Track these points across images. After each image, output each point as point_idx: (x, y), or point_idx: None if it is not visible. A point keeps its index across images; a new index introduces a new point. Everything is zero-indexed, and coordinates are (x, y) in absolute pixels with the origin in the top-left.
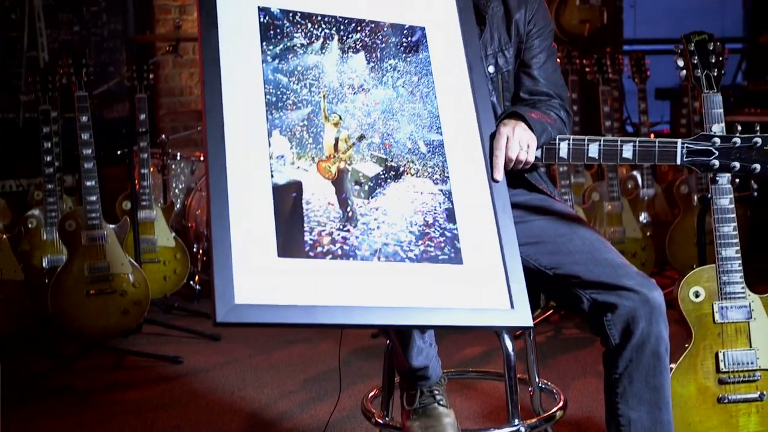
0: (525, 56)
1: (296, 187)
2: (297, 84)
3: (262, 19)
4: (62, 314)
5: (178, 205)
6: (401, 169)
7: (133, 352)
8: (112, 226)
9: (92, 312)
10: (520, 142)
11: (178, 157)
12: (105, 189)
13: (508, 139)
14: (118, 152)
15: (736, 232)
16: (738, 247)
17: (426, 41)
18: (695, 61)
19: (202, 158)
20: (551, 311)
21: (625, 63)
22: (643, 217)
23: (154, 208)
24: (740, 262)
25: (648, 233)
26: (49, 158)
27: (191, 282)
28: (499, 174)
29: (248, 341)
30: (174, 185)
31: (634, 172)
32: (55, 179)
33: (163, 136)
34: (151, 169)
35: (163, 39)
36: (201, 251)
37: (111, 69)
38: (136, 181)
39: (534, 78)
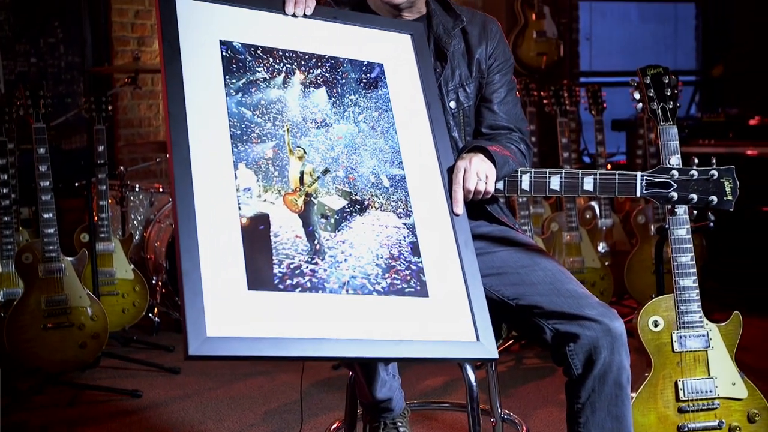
0: (486, 91)
1: (264, 219)
2: (261, 117)
3: (224, 53)
4: (18, 348)
5: (136, 237)
6: (366, 202)
7: (91, 386)
8: (69, 258)
9: (49, 346)
10: (478, 173)
11: (137, 189)
12: (62, 221)
13: (465, 171)
14: (76, 184)
15: (694, 262)
16: (695, 277)
17: (384, 78)
18: (651, 94)
19: (161, 190)
20: (512, 341)
21: (581, 95)
22: (601, 246)
23: (113, 240)
24: (698, 291)
25: (606, 263)
26: (5, 190)
27: (150, 314)
28: (459, 207)
29: (208, 374)
30: (133, 217)
31: (592, 203)
32: (12, 211)
33: (122, 167)
34: (110, 201)
35: (121, 71)
36: (160, 283)
37: (69, 100)
38: (95, 213)
39: (495, 112)
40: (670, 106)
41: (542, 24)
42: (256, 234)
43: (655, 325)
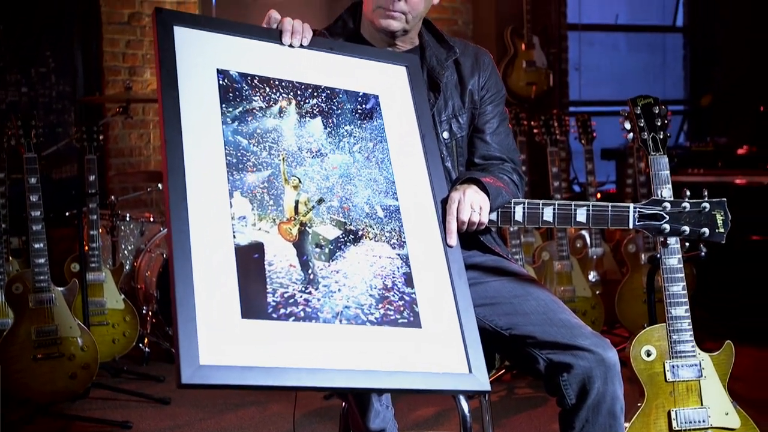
0: (478, 121)
1: (258, 248)
2: (257, 146)
3: (221, 82)
4: (8, 379)
5: (127, 267)
6: (360, 233)
7: (81, 417)
8: (60, 288)
9: (39, 377)
10: (472, 204)
11: (128, 219)
12: (53, 250)
13: (459, 202)
14: (67, 214)
15: (685, 292)
16: (687, 306)
17: (380, 109)
18: (642, 124)
19: (151, 219)
20: (504, 370)
21: (571, 124)
22: (592, 275)
23: (103, 270)
24: (690, 321)
25: (597, 292)
26: None
27: (140, 344)
28: (452, 239)
29: (199, 404)
30: (123, 246)
31: (583, 232)
32: (2, 241)
33: (113, 197)
34: (100, 231)
35: (112, 100)
36: (150, 313)
37: (59, 130)
38: (85, 243)
39: (487, 143)
40: (661, 136)
41: (532, 54)
42: (251, 262)
43: (648, 354)
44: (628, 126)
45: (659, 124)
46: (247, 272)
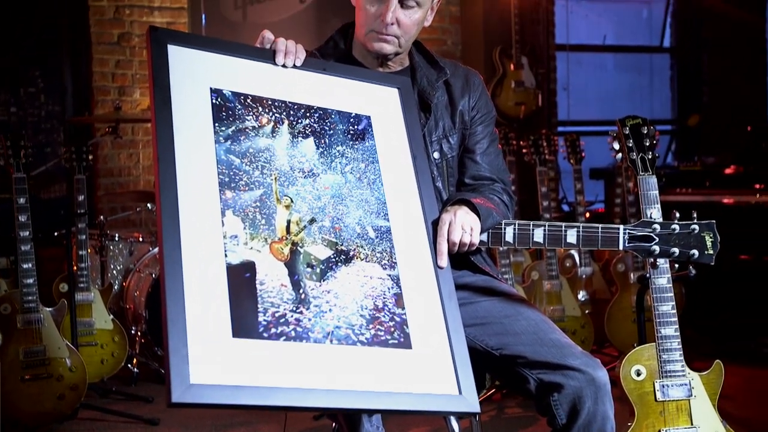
0: (468, 142)
1: (249, 267)
2: (249, 165)
3: (214, 101)
4: None
5: (116, 287)
6: (351, 253)
7: None
8: (49, 309)
9: (27, 398)
10: (463, 225)
11: (117, 238)
12: (41, 270)
13: (450, 224)
14: (56, 234)
15: (675, 311)
16: (677, 326)
17: (371, 130)
18: (630, 145)
19: (140, 239)
20: (493, 390)
21: (560, 144)
22: (581, 295)
23: (92, 290)
24: (679, 340)
25: (587, 311)
26: None
27: (129, 365)
28: (443, 260)
29: (187, 425)
30: (112, 266)
31: (572, 251)
32: None
33: (102, 217)
34: (89, 251)
35: (102, 120)
36: (139, 333)
37: (48, 150)
38: (74, 263)
39: (477, 163)
40: (649, 157)
41: (520, 74)
42: (242, 281)
43: (638, 374)
44: (617, 146)
45: (648, 144)
46: (238, 291)
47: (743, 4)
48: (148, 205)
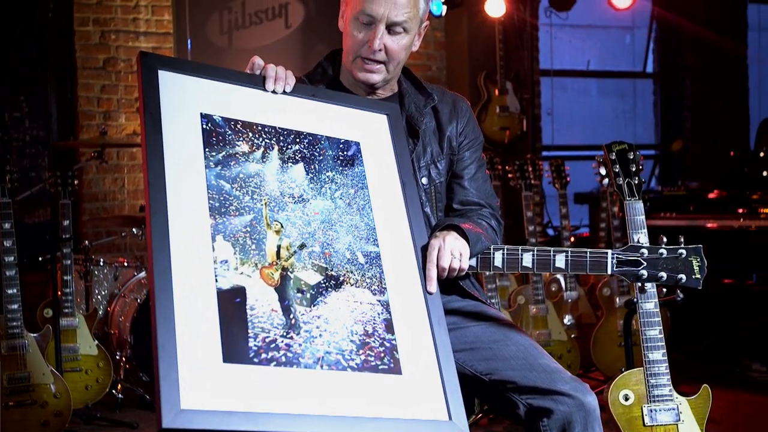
0: (456, 167)
1: (240, 292)
2: (239, 191)
3: (204, 126)
4: None
5: (100, 312)
6: (341, 278)
7: None
8: (33, 334)
9: (11, 425)
10: (452, 251)
11: (101, 263)
12: (25, 295)
13: (439, 249)
14: (40, 258)
15: (662, 336)
16: (664, 350)
17: (361, 156)
18: (617, 170)
19: (125, 264)
20: (480, 414)
21: (545, 169)
22: (567, 319)
23: (77, 316)
24: (667, 365)
25: (573, 335)
26: None
27: (113, 391)
28: (432, 286)
29: None
30: (97, 291)
31: (557, 275)
32: None
33: (86, 241)
34: (74, 276)
35: (87, 145)
36: (124, 359)
37: (33, 174)
38: (59, 288)
39: (465, 188)
40: (636, 182)
41: (505, 99)
42: (233, 307)
43: (626, 398)
44: (603, 171)
45: (634, 169)
46: (228, 316)
47: (725, 31)
48: (134, 230)
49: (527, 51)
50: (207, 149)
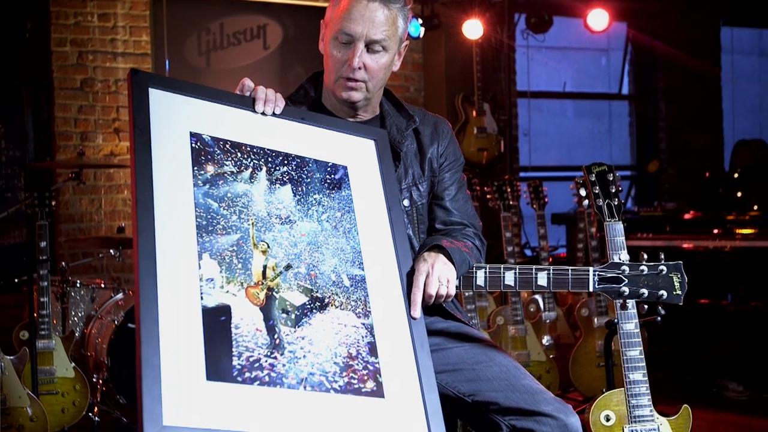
0: (437, 188)
1: (225, 311)
2: (227, 210)
3: (193, 145)
4: None
5: (77, 334)
6: (326, 300)
7: None
8: (9, 357)
9: None
10: (440, 277)
11: (78, 285)
12: (1, 317)
13: (427, 275)
14: (16, 280)
15: (643, 356)
16: (645, 371)
17: (348, 180)
18: (597, 191)
19: (102, 285)
20: None
21: (523, 189)
22: (546, 339)
23: (53, 338)
24: (647, 385)
25: (551, 356)
26: None
27: (90, 414)
28: (417, 312)
29: None
30: (73, 313)
31: (536, 296)
32: None
33: (63, 263)
34: (50, 297)
35: (63, 165)
36: (101, 381)
37: (9, 195)
38: (35, 310)
39: (447, 209)
40: (615, 203)
41: (482, 120)
42: (217, 325)
43: (607, 419)
44: (583, 192)
45: (613, 190)
46: (213, 334)
47: (699, 54)
48: (111, 251)
49: (504, 73)
50: (195, 168)
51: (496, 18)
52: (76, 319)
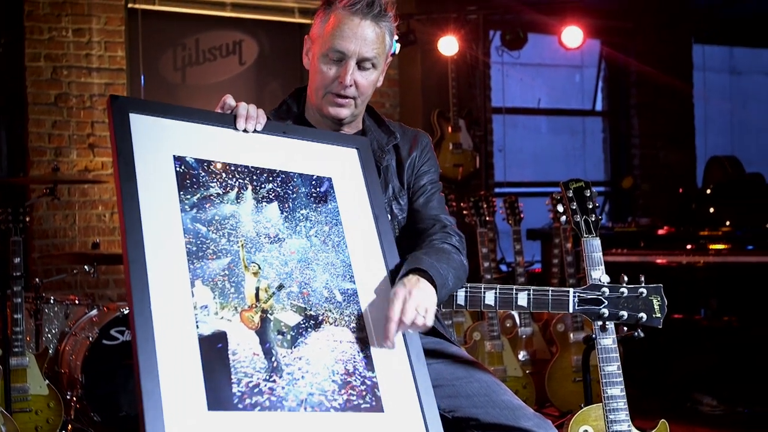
0: (414, 189)
1: (221, 337)
2: (216, 233)
3: (178, 168)
4: None
5: (51, 351)
6: (320, 318)
7: None
8: None
9: None
10: (417, 307)
11: (52, 301)
12: None
13: (404, 302)
14: None
15: (620, 371)
16: (623, 386)
17: (333, 191)
18: (574, 207)
19: (76, 302)
20: None
21: (498, 205)
22: (522, 355)
23: (27, 355)
24: (625, 400)
25: (528, 371)
26: None
27: (64, 431)
28: (389, 343)
29: None
30: (47, 330)
31: (512, 311)
32: None
33: (37, 279)
34: (24, 314)
35: (37, 181)
36: (75, 398)
37: None
38: (8, 327)
39: (423, 209)
40: (593, 219)
41: (458, 136)
42: (215, 352)
43: None
44: (560, 208)
45: (591, 206)
46: (211, 363)
47: (671, 71)
48: (85, 267)
49: (480, 89)
50: (182, 192)
51: (472, 35)
52: (49, 335)
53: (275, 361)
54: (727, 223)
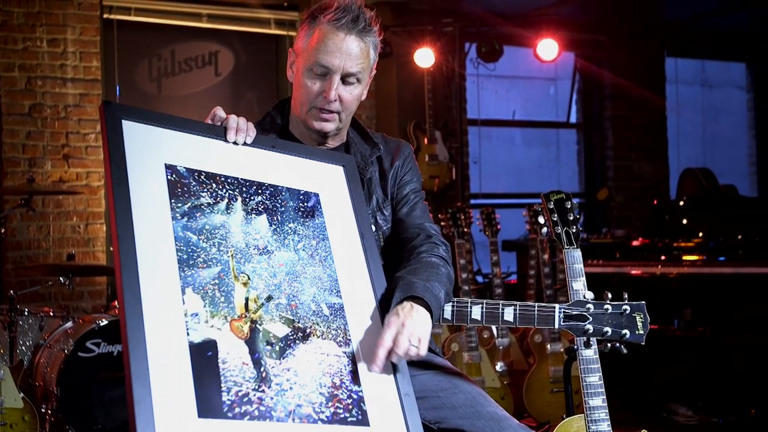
0: (397, 199)
1: (211, 345)
2: (206, 242)
3: (169, 177)
4: None
5: (25, 363)
6: (308, 330)
7: None
8: None
9: None
10: (410, 338)
11: (26, 313)
12: None
13: (397, 334)
14: None
15: (602, 382)
16: (604, 396)
17: (320, 207)
18: (555, 219)
19: (51, 314)
20: None
21: (474, 216)
22: (499, 366)
23: (1, 367)
24: (607, 411)
25: (505, 382)
26: None
27: None
28: (377, 368)
29: None
30: (21, 342)
31: None
32: None
33: (11, 291)
34: None
35: (11, 192)
36: (50, 412)
37: None
38: None
39: (407, 219)
40: (573, 230)
41: (434, 148)
42: (205, 360)
43: None
44: (541, 220)
45: (571, 218)
46: (201, 370)
47: (644, 84)
48: (60, 278)
49: (455, 101)
50: (173, 200)
51: (448, 47)
52: (24, 348)
53: (264, 371)
54: (701, 234)
